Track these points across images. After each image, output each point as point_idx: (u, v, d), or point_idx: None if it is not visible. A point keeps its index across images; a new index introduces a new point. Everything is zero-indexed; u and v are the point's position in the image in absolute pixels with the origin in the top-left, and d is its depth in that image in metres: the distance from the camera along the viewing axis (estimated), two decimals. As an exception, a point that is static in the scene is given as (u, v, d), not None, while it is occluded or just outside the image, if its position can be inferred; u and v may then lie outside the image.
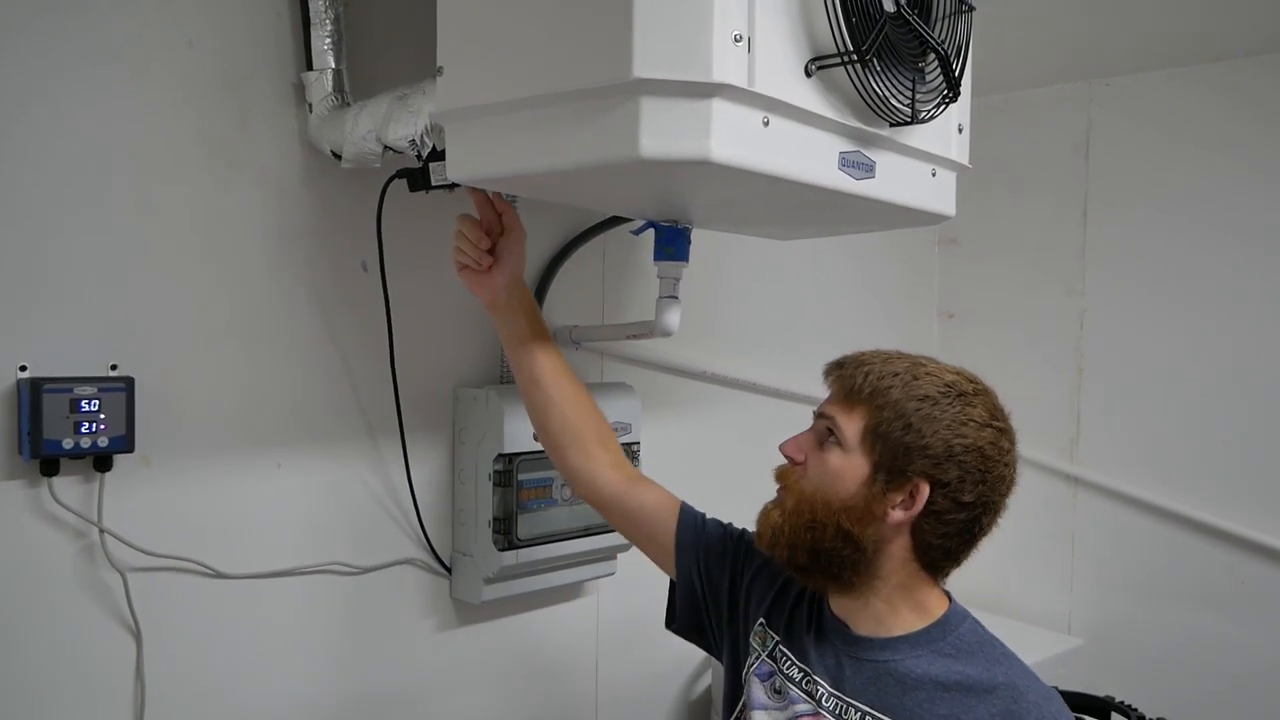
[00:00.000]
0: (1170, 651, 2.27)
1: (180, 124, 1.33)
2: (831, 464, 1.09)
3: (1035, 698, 1.06)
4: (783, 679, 1.19)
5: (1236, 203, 2.19)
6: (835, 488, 1.09)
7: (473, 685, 1.69)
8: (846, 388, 1.11)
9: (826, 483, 1.09)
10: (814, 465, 1.11)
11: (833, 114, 1.14)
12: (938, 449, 1.06)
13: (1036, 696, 1.06)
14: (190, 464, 1.35)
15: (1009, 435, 1.13)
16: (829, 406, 1.13)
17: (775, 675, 1.20)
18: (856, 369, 1.12)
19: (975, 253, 2.62)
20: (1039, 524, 2.47)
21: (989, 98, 2.48)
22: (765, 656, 1.23)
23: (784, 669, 1.20)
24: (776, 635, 1.23)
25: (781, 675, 1.19)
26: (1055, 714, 1.05)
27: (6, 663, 1.22)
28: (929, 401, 1.08)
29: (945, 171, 1.37)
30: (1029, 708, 1.05)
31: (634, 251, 1.87)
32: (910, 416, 1.07)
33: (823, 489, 1.09)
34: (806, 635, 1.19)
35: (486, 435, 1.57)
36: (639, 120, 1.01)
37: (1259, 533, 2.15)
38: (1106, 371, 2.39)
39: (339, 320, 1.49)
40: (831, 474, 1.09)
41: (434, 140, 1.27)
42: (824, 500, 1.09)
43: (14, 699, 1.23)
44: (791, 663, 1.20)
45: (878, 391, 1.09)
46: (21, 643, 1.23)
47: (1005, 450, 1.11)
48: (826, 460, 1.10)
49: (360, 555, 1.53)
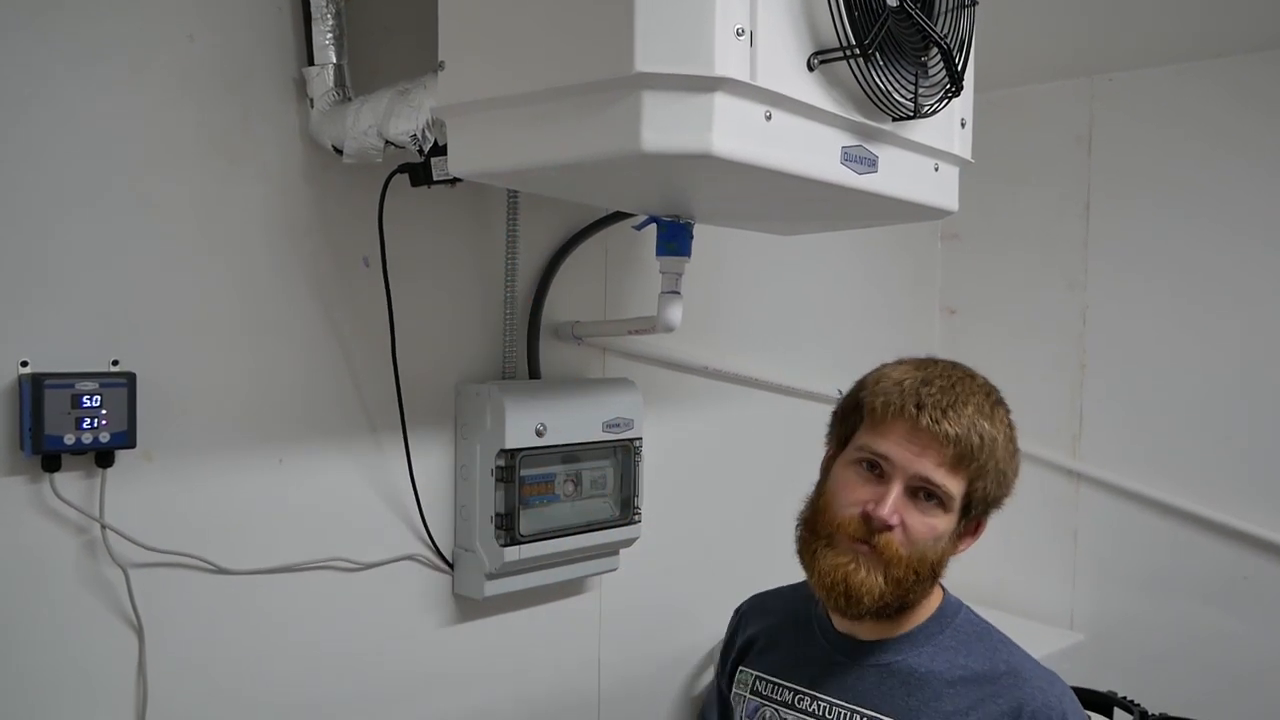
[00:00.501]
0: (1173, 647, 2.27)
1: (181, 119, 1.33)
2: (939, 528, 1.07)
3: (1039, 683, 1.08)
4: (773, 708, 1.19)
5: (1239, 198, 2.18)
6: (937, 549, 1.08)
7: (475, 681, 1.69)
8: (959, 451, 1.05)
9: (929, 545, 1.07)
10: (919, 528, 1.06)
11: (835, 108, 1.14)
12: (1012, 488, 1.12)
13: (1041, 681, 1.08)
14: (192, 459, 1.35)
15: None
16: (930, 471, 1.06)
17: (763, 707, 1.20)
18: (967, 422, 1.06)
19: (978, 248, 2.62)
20: (1042, 520, 2.47)
21: (991, 93, 2.47)
22: (749, 695, 1.23)
23: (773, 697, 1.20)
24: (755, 670, 1.23)
25: (771, 704, 1.19)
26: (1059, 697, 1.07)
27: (7, 660, 1.22)
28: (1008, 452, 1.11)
29: (948, 166, 1.36)
30: (1034, 693, 1.06)
31: (636, 247, 1.87)
32: (1005, 473, 1.10)
33: (927, 552, 1.07)
34: (806, 655, 1.20)
35: (489, 431, 1.57)
36: (641, 114, 1.01)
37: (1263, 528, 2.14)
38: (1109, 367, 2.38)
39: (341, 315, 1.49)
40: (938, 536, 1.08)
41: (436, 135, 1.27)
42: (928, 561, 1.08)
43: (15, 696, 1.23)
44: (780, 686, 1.20)
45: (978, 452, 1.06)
46: (23, 639, 1.23)
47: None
48: (933, 524, 1.07)
49: (362, 551, 1.52)
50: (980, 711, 1.06)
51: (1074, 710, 1.06)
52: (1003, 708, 1.05)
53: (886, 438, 1.07)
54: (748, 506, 2.07)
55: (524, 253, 1.67)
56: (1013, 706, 1.05)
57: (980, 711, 1.06)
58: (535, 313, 1.70)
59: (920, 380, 1.08)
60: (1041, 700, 1.05)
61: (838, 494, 1.10)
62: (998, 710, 1.05)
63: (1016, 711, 1.05)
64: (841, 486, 1.10)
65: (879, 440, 1.08)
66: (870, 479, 1.08)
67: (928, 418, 1.05)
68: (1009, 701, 1.05)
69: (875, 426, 1.09)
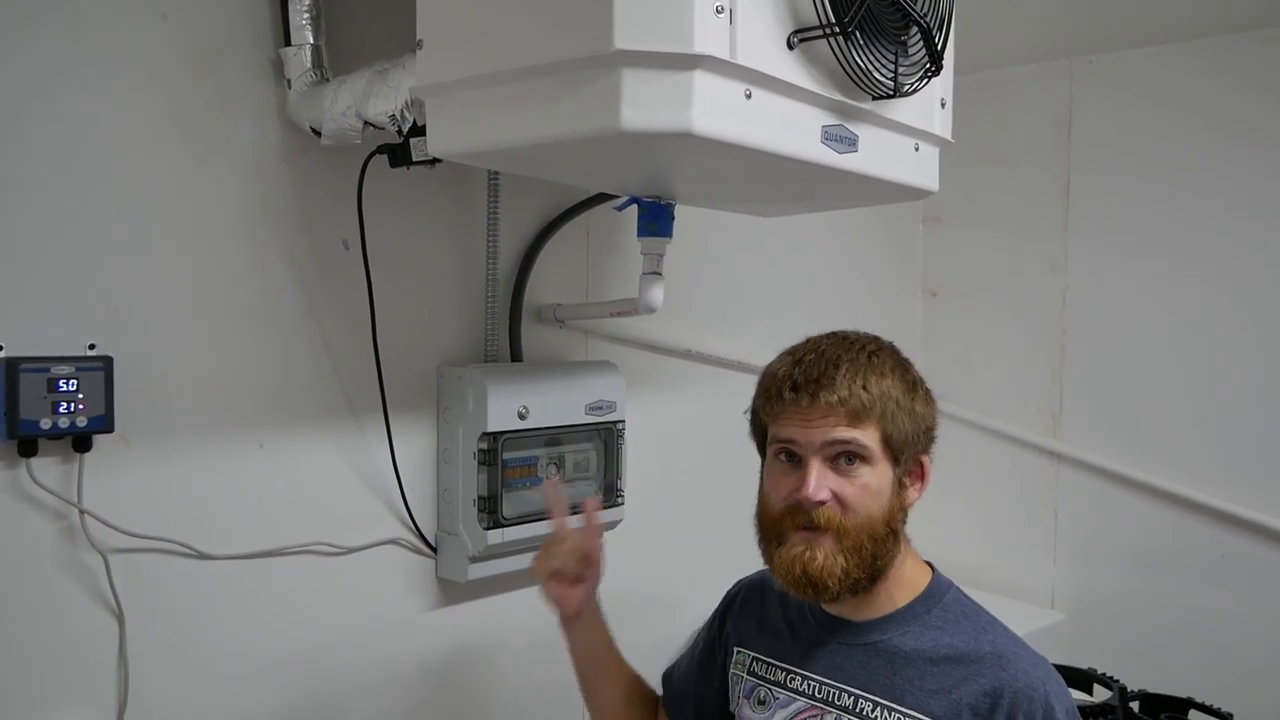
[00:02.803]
0: (1152, 625, 2.29)
1: (155, 100, 1.31)
2: (870, 485, 1.08)
3: (1023, 664, 1.07)
4: (767, 688, 1.20)
5: (1219, 179, 2.19)
6: (879, 504, 1.09)
7: (459, 665, 1.69)
8: (851, 407, 1.07)
9: (872, 505, 1.08)
10: (852, 492, 1.08)
11: (815, 87, 1.14)
12: (930, 422, 1.13)
13: (1024, 663, 1.08)
14: (171, 444, 1.34)
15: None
16: (837, 432, 1.07)
17: (759, 687, 1.22)
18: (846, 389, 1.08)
19: (959, 230, 2.62)
20: (1022, 499, 2.49)
21: (972, 76, 2.47)
22: (746, 675, 1.24)
23: (767, 677, 1.21)
24: (752, 651, 1.25)
25: (765, 684, 1.21)
26: (1043, 679, 1.06)
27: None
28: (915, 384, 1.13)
29: (928, 146, 1.37)
30: (1017, 674, 1.06)
31: (618, 229, 1.87)
32: (916, 408, 1.11)
33: (871, 513, 1.08)
34: (796, 636, 1.21)
35: (471, 414, 1.56)
36: (620, 92, 1.00)
37: (1240, 507, 2.16)
38: (1089, 347, 2.40)
39: (320, 299, 1.48)
40: (873, 494, 1.08)
41: (415, 115, 1.26)
42: (877, 520, 1.08)
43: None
44: (773, 666, 1.21)
45: (876, 400, 1.08)
46: (1, 626, 1.22)
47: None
48: (864, 483, 1.08)
49: (345, 535, 1.52)
50: (962, 690, 1.06)
51: (1058, 693, 1.06)
52: (984, 687, 1.05)
53: (784, 424, 1.10)
54: (731, 489, 2.05)
55: (505, 235, 1.67)
56: (995, 686, 1.05)
57: (962, 690, 1.06)
58: (517, 295, 1.69)
59: (792, 363, 1.12)
60: (1024, 681, 1.05)
61: (770, 491, 1.13)
62: (979, 689, 1.05)
63: (998, 692, 1.05)
64: (771, 484, 1.13)
65: (781, 428, 1.11)
66: (791, 468, 1.11)
67: (806, 395, 1.08)
68: (991, 681, 1.06)
69: (774, 418, 1.12)
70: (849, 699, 1.12)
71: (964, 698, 1.06)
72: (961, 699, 1.06)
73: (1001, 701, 1.04)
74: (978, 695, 1.05)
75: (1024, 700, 1.04)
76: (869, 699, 1.10)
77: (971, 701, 1.05)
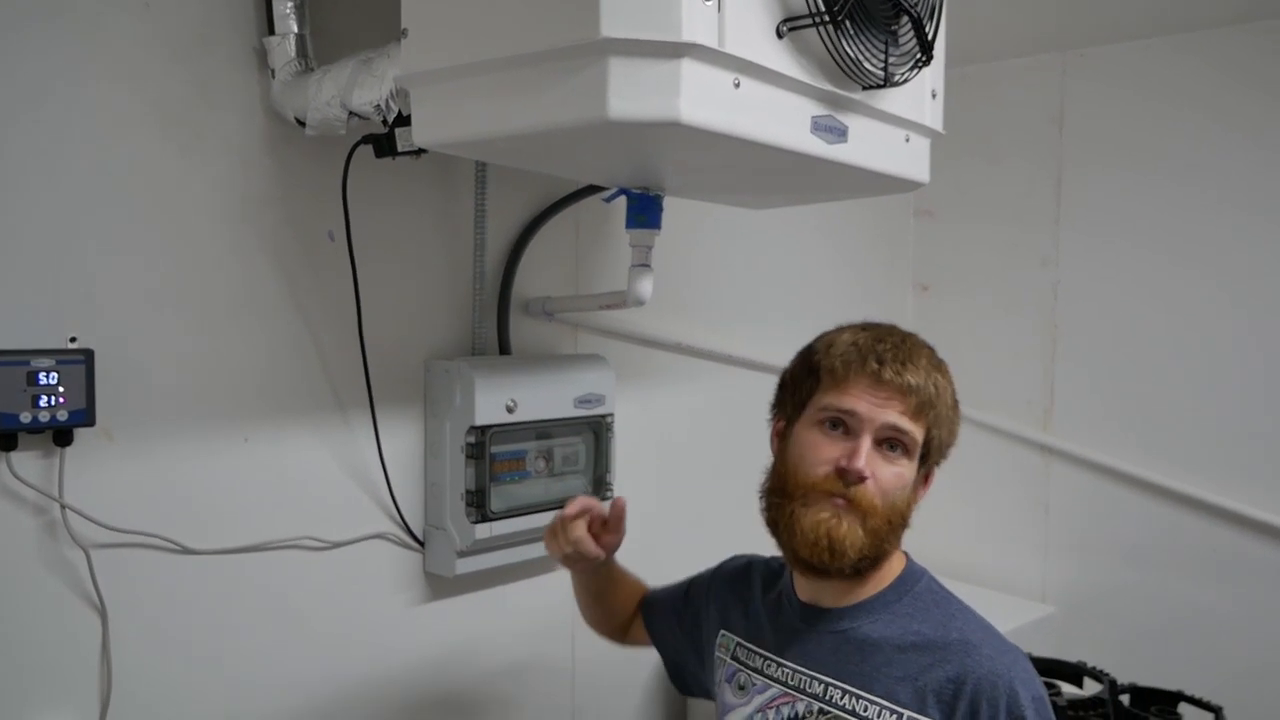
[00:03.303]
0: (1143, 619, 2.29)
1: (137, 90, 1.29)
2: (906, 475, 1.11)
3: (989, 650, 1.07)
4: (746, 674, 1.21)
5: (1210, 172, 2.19)
6: (904, 496, 1.12)
7: (447, 660, 1.68)
8: (920, 399, 1.10)
9: (899, 494, 1.11)
10: (889, 478, 1.09)
11: (805, 76, 1.12)
12: (957, 437, 1.16)
13: (990, 649, 1.07)
14: (154, 438, 1.32)
15: None
16: (901, 418, 1.09)
17: (739, 673, 1.22)
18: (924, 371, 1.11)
19: (950, 225, 2.62)
20: (1013, 493, 2.49)
21: (964, 69, 2.47)
22: (729, 659, 1.25)
23: (747, 663, 1.22)
24: (737, 636, 1.26)
25: (746, 670, 1.21)
26: (1009, 667, 1.06)
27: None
28: (953, 404, 1.15)
29: (919, 137, 1.36)
30: (981, 660, 1.06)
31: (607, 222, 1.85)
32: (953, 422, 1.14)
33: (897, 501, 1.11)
34: (774, 623, 1.21)
35: (458, 407, 1.55)
36: (607, 81, 0.99)
37: (1232, 501, 2.17)
38: (1080, 341, 2.39)
39: (306, 291, 1.46)
40: (905, 484, 1.11)
41: (400, 105, 1.24)
42: (898, 510, 1.11)
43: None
44: (753, 653, 1.22)
45: (930, 402, 1.11)
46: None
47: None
48: (901, 472, 1.11)
49: (331, 530, 1.51)
50: (926, 677, 1.06)
51: (1024, 680, 1.05)
52: (949, 674, 1.05)
53: (850, 394, 1.10)
54: (720, 483, 2.06)
55: (493, 227, 1.65)
56: (958, 674, 1.05)
57: (926, 677, 1.06)
58: (505, 288, 1.68)
59: (874, 338, 1.12)
60: (988, 669, 1.05)
61: (805, 455, 1.11)
62: (943, 676, 1.05)
63: (962, 679, 1.04)
64: (809, 448, 1.11)
65: (843, 398, 1.10)
66: (836, 437, 1.10)
67: (890, 371, 1.09)
68: (954, 669, 1.05)
69: (837, 385, 1.11)
70: (819, 686, 1.12)
71: (929, 684, 1.06)
72: (927, 685, 1.06)
73: (964, 688, 1.04)
74: (942, 682, 1.05)
75: (987, 687, 1.03)
76: (838, 686, 1.11)
77: (936, 688, 1.05)
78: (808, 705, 1.12)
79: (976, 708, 1.03)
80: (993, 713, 1.02)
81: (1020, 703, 1.03)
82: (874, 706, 1.07)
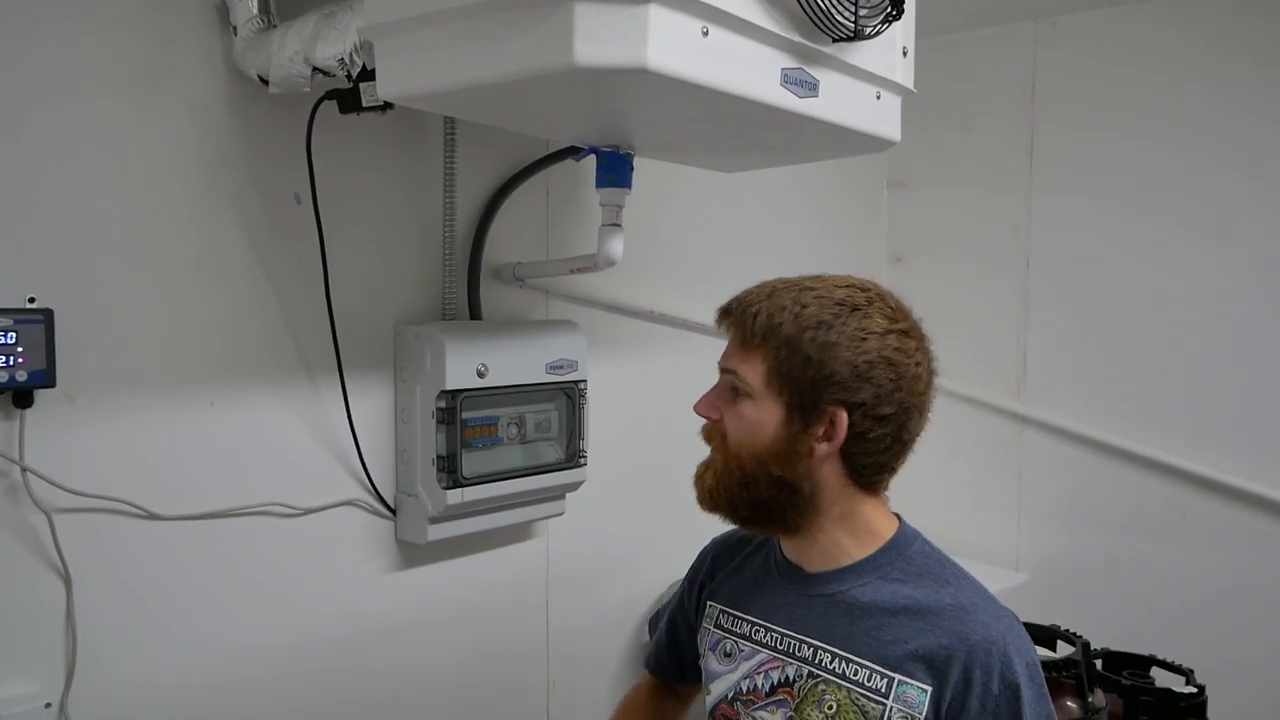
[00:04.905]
0: (1116, 584, 2.31)
1: (97, 48, 1.26)
2: (747, 416, 1.07)
3: (984, 616, 1.04)
4: (732, 640, 1.19)
5: (1182, 138, 2.20)
6: (757, 438, 1.06)
7: (420, 628, 1.67)
8: (740, 335, 1.08)
9: (747, 435, 1.07)
10: (731, 420, 1.09)
11: (774, 27, 1.12)
12: (843, 373, 1.03)
13: (985, 615, 1.05)
14: (117, 401, 1.30)
15: (913, 333, 1.09)
16: (728, 359, 1.09)
17: (724, 640, 1.20)
18: (744, 313, 1.08)
19: (923, 195, 2.62)
20: (987, 462, 2.50)
21: (936, 39, 2.46)
22: (713, 628, 1.23)
23: (733, 629, 1.20)
24: (721, 604, 1.23)
25: (732, 637, 1.19)
26: (1003, 633, 1.04)
27: (-74, 607, 1.17)
28: (823, 327, 1.04)
29: (890, 95, 1.35)
30: (976, 626, 1.03)
31: (579, 188, 1.84)
32: (807, 348, 1.03)
33: (746, 442, 1.07)
34: (762, 587, 1.19)
35: (429, 372, 1.53)
36: (573, 27, 0.98)
37: (1201, 465, 2.19)
38: (1052, 310, 2.41)
39: (272, 254, 1.44)
40: (749, 425, 1.07)
41: (364, 59, 1.22)
42: (750, 453, 1.07)
43: (-64, 645, 1.18)
44: (738, 619, 1.19)
45: (770, 331, 1.05)
46: (-58, 587, 1.18)
47: (912, 350, 1.07)
48: (741, 413, 1.07)
49: (300, 496, 1.49)
50: (918, 641, 1.04)
51: (1019, 646, 1.04)
52: (941, 639, 1.03)
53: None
54: (693, 451, 2.06)
55: (463, 191, 1.63)
56: (952, 639, 1.03)
57: (918, 641, 1.04)
58: (476, 253, 1.66)
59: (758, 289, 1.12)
60: (983, 635, 1.03)
61: None
62: (936, 642, 1.03)
63: (955, 645, 1.03)
64: None
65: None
66: None
67: (735, 313, 1.10)
68: (948, 634, 1.03)
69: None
70: (808, 650, 1.10)
71: (921, 649, 1.04)
72: (918, 650, 1.04)
73: (958, 654, 1.02)
74: (934, 648, 1.03)
75: (980, 653, 1.02)
76: (827, 650, 1.09)
77: (927, 654, 1.03)
78: (797, 669, 1.10)
79: (970, 674, 1.01)
80: (986, 679, 1.01)
81: (1014, 669, 1.01)
82: (864, 670, 1.06)
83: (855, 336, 1.04)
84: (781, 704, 1.11)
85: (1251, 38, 2.11)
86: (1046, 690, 1.04)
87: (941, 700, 1.02)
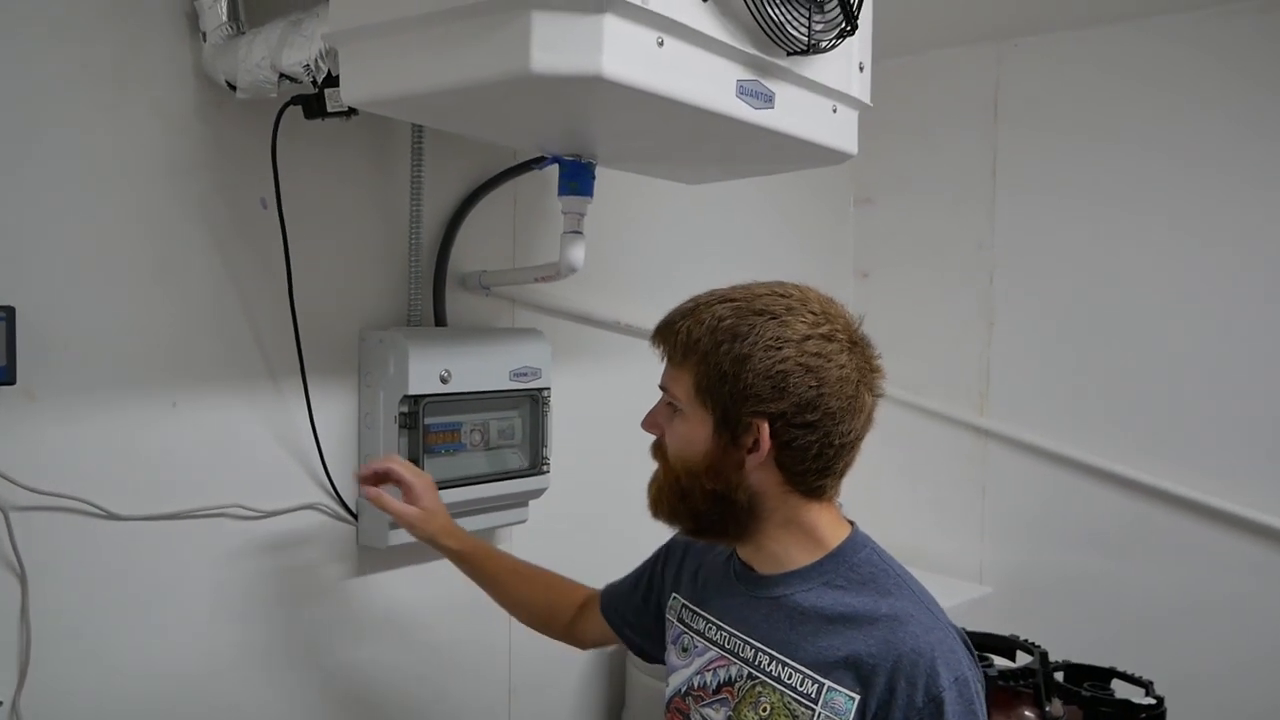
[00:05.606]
0: (1079, 597, 2.34)
1: (65, 51, 1.28)
2: (680, 432, 1.11)
3: (915, 628, 1.05)
4: (690, 635, 1.21)
5: (1142, 160, 2.25)
6: (690, 453, 1.09)
7: (381, 633, 1.67)
8: (669, 353, 1.12)
9: (682, 450, 1.10)
10: (669, 436, 1.13)
11: (729, 39, 1.14)
12: (759, 385, 1.03)
13: (917, 627, 1.05)
14: (79, 399, 1.30)
15: (837, 335, 1.07)
16: (663, 377, 1.14)
17: (683, 634, 1.22)
18: (669, 330, 1.11)
19: (889, 212, 2.66)
20: (951, 476, 2.54)
21: (900, 59, 2.51)
22: (675, 621, 1.25)
23: (691, 625, 1.22)
24: (683, 598, 1.25)
25: (690, 633, 1.21)
26: (933, 645, 1.03)
27: (-120, 604, 1.17)
28: (738, 340, 1.04)
29: (846, 109, 1.38)
30: (905, 637, 1.04)
31: (545, 198, 1.86)
32: (723, 364, 1.04)
33: (682, 457, 1.10)
34: (720, 586, 1.21)
35: (392, 377, 1.55)
36: (530, 35, 1.00)
37: (1165, 481, 2.23)
38: (1015, 325, 2.45)
39: (237, 257, 1.45)
40: (682, 441, 1.10)
41: (329, 65, 1.24)
42: (685, 468, 1.10)
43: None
44: (697, 615, 1.22)
45: (689, 348, 1.07)
46: (-104, 583, 1.18)
47: (834, 353, 1.05)
48: (676, 429, 1.11)
49: (262, 499, 1.50)
50: (849, 649, 1.05)
51: (947, 659, 1.03)
52: (871, 648, 1.04)
53: None
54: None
55: (430, 199, 1.65)
56: (881, 649, 1.03)
57: (849, 649, 1.05)
58: (441, 260, 1.68)
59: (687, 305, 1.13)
60: (911, 645, 1.03)
61: None
62: (865, 650, 1.04)
63: (883, 654, 1.03)
64: None
65: None
66: None
67: (658, 335, 1.14)
68: (879, 644, 1.04)
69: None
70: (750, 651, 1.12)
71: (850, 656, 1.04)
72: (848, 657, 1.04)
73: (884, 664, 1.03)
74: (863, 655, 1.04)
75: (907, 664, 1.02)
76: (766, 652, 1.10)
77: (856, 661, 1.04)
78: (739, 669, 1.12)
79: (895, 684, 1.01)
80: (910, 691, 1.01)
81: (939, 683, 1.01)
82: (797, 674, 1.07)
83: (769, 346, 1.04)
84: (724, 703, 1.13)
85: (1210, 54, 2.16)
86: (978, 708, 1.04)
87: (867, 709, 1.02)
